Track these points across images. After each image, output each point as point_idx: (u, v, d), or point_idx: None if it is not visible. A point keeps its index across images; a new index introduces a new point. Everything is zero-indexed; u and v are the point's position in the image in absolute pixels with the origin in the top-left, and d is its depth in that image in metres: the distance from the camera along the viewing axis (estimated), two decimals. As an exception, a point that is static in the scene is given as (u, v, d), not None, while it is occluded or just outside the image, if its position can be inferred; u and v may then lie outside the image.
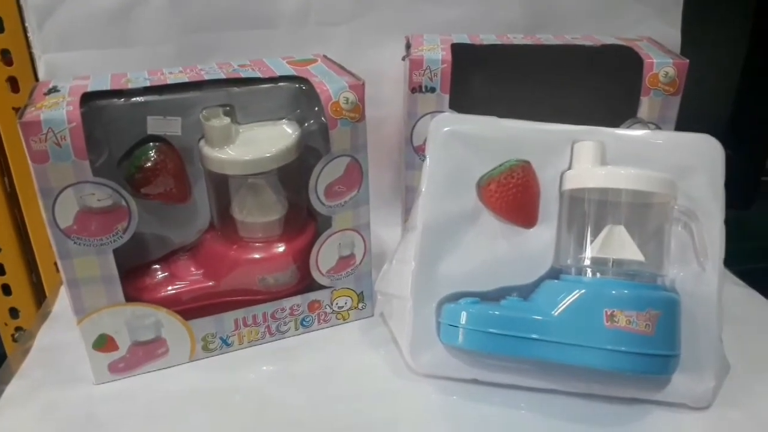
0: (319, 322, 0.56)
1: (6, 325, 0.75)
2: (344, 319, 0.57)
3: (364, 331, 0.57)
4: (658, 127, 0.58)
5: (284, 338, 0.56)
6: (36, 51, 0.62)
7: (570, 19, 0.71)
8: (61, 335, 0.56)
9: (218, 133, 0.49)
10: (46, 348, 0.55)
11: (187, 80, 0.49)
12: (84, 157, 0.43)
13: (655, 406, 0.48)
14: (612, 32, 0.64)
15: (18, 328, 0.76)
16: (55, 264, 0.73)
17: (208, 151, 0.50)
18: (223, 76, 0.50)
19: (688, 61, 0.56)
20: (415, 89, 0.57)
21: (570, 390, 0.49)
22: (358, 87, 0.49)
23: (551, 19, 0.71)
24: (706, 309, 0.48)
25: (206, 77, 0.50)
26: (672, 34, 0.72)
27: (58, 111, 0.42)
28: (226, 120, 0.49)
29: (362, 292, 0.57)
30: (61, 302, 0.62)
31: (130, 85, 0.48)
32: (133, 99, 0.48)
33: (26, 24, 0.62)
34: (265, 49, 0.65)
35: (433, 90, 0.57)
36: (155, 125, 0.48)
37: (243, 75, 0.50)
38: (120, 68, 0.52)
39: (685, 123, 0.58)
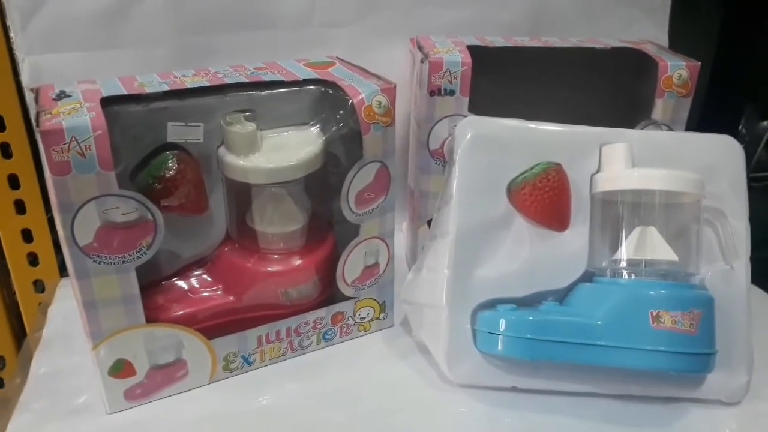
0: (341, 334, 0.54)
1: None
2: (365, 331, 0.55)
3: (388, 342, 0.55)
4: (670, 128, 0.58)
5: (306, 353, 0.53)
6: (19, 53, 0.57)
7: (565, 21, 0.72)
8: (59, 361, 0.52)
9: (242, 140, 0.46)
10: (45, 377, 0.51)
11: (207, 84, 0.46)
12: (110, 168, 0.39)
13: (691, 403, 0.49)
14: (603, 34, 0.65)
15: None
16: (34, 283, 0.69)
17: (230, 158, 0.47)
18: (245, 80, 0.47)
19: (699, 63, 0.57)
20: (434, 92, 0.56)
21: (608, 392, 0.49)
22: (390, 90, 0.48)
23: (546, 20, 0.71)
24: (737, 306, 0.49)
25: (226, 81, 0.47)
26: (660, 36, 0.73)
27: (80, 118, 0.39)
28: (251, 126, 0.47)
29: (384, 301, 0.55)
30: (52, 326, 0.57)
31: (146, 90, 0.44)
32: (152, 104, 0.44)
33: (8, 23, 0.57)
34: (266, 50, 0.62)
35: (452, 93, 0.56)
36: (176, 132, 0.45)
37: (265, 78, 0.48)
38: (112, 71, 0.49)
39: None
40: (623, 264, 0.47)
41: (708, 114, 0.79)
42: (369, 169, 0.48)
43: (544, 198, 0.49)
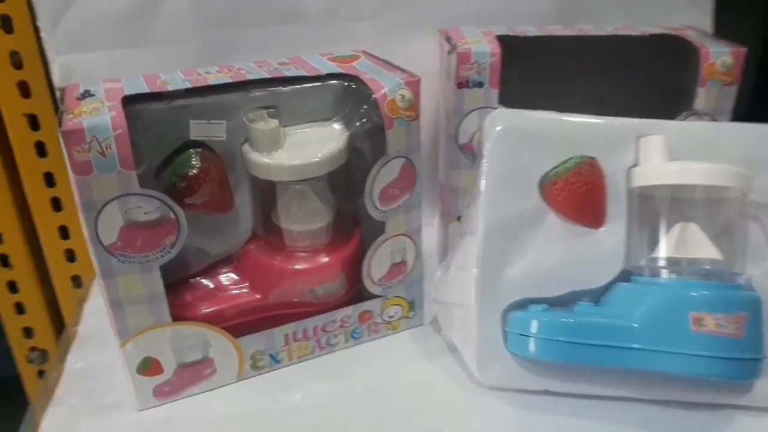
0: (369, 333, 0.53)
1: (20, 345, 0.71)
2: (394, 329, 0.54)
3: (418, 341, 0.54)
4: (714, 119, 0.55)
5: (334, 352, 0.52)
6: (49, 53, 0.58)
7: (598, 10, 0.69)
8: (94, 358, 0.53)
9: (265, 137, 0.46)
10: (80, 373, 0.51)
11: (229, 80, 0.45)
12: (131, 167, 0.39)
13: (737, 411, 0.46)
14: (641, 22, 0.61)
15: (33, 348, 0.71)
16: (72, 279, 0.70)
17: (253, 156, 0.46)
18: (267, 76, 0.46)
19: (746, 49, 0.54)
20: (462, 84, 0.54)
21: (647, 397, 0.47)
22: (414, 83, 0.46)
23: (579, 9, 0.69)
24: (787, 307, 0.46)
25: (249, 77, 0.46)
26: (703, 21, 0.70)
27: (101, 117, 0.39)
28: (274, 123, 0.46)
29: (413, 299, 0.54)
30: (87, 322, 0.58)
31: (168, 87, 0.44)
32: (174, 102, 0.44)
33: (38, 24, 0.58)
34: (293, 45, 0.61)
35: (481, 85, 0.54)
36: (199, 130, 0.45)
37: (288, 74, 0.47)
38: (140, 69, 0.48)
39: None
40: (662, 263, 0.45)
41: (758, 104, 0.74)
42: (393, 164, 0.47)
43: (577, 193, 0.47)
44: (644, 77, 0.57)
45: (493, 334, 0.47)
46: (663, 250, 0.45)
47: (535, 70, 0.57)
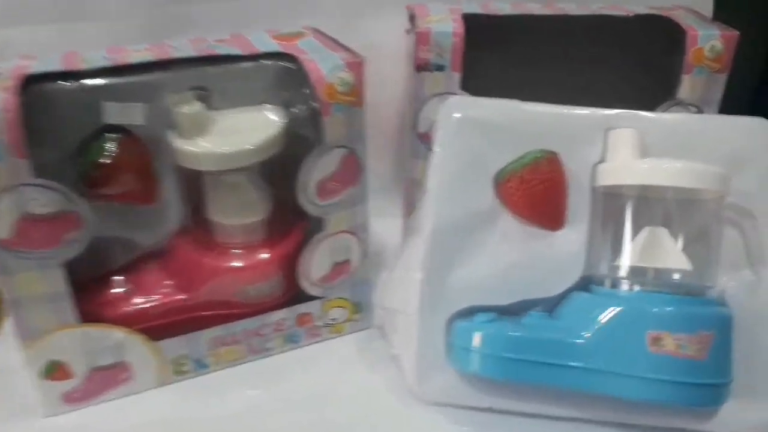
0: (309, 337, 0.49)
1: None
2: (338, 333, 0.50)
3: (362, 347, 0.50)
4: (700, 110, 0.50)
5: (270, 356, 0.48)
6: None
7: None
8: (15, 356, 0.49)
9: (189, 122, 0.41)
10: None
11: (152, 59, 0.41)
12: (22, 155, 0.35)
13: (701, 437, 0.42)
14: (633, 1, 0.56)
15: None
16: None
17: (178, 142, 0.42)
18: (195, 54, 0.42)
19: (737, 33, 0.48)
20: (420, 67, 0.49)
21: (602, 419, 0.42)
22: (357, 65, 0.42)
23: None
24: (762, 325, 0.41)
25: (175, 55, 0.42)
26: (704, 2, 0.64)
27: (-9, 98, 0.35)
28: (199, 106, 0.42)
29: (359, 301, 0.50)
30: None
31: (84, 66, 0.40)
32: (88, 82, 0.40)
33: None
34: (247, 21, 0.57)
35: (441, 68, 0.49)
36: (113, 113, 0.40)
37: (219, 52, 0.42)
38: (75, 46, 0.44)
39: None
40: (625, 272, 0.40)
41: (756, 95, 0.69)
42: (332, 155, 0.43)
43: (534, 192, 0.42)
44: (625, 62, 0.52)
45: (436, 345, 0.43)
46: (626, 258, 0.40)
47: (503, 53, 0.52)
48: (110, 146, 0.41)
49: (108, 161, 0.41)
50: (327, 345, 0.50)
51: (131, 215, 0.45)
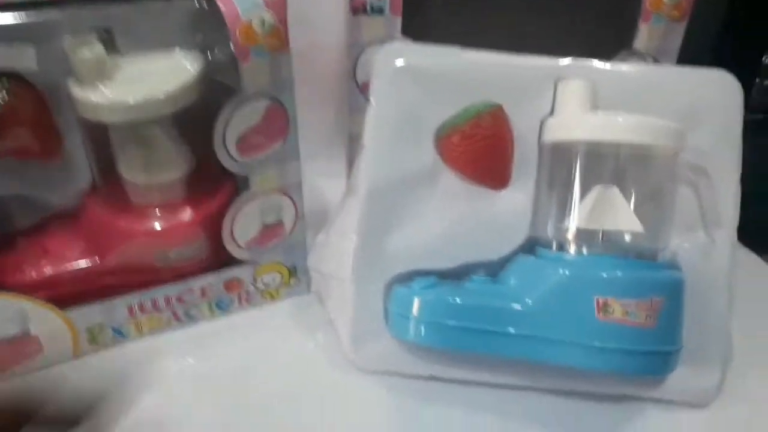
0: (240, 302, 0.46)
1: None
2: (272, 298, 0.47)
3: (298, 313, 0.47)
4: (657, 61, 0.47)
5: (197, 324, 0.45)
6: None
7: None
8: None
9: (89, 68, 0.37)
10: None
11: (42, -6, 0.36)
12: None
13: (650, 404, 0.40)
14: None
15: None
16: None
17: (77, 91, 0.37)
18: (95, -12, 0.37)
19: (698, -24, 0.45)
20: (357, 10, 0.45)
21: (548, 387, 0.40)
22: (278, 4, 0.37)
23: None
24: (715, 289, 0.39)
25: (71, -10, 0.37)
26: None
27: None
28: (99, 49, 0.37)
29: (294, 265, 0.46)
30: None
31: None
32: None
33: None
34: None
35: (381, 11, 0.45)
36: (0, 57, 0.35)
37: (123, -14, 0.37)
38: None
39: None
40: (572, 234, 0.38)
41: (722, 44, 0.65)
42: (254, 106, 0.38)
43: (477, 148, 0.39)
44: (578, 8, 0.48)
45: (372, 312, 0.40)
46: (574, 220, 0.38)
47: (449, -4, 0.48)
48: (-3, 94, 0.36)
49: (-3, 111, 0.36)
50: (260, 312, 0.46)
51: (33, 172, 0.40)
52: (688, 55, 0.47)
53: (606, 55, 0.46)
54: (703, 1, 0.46)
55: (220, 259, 0.44)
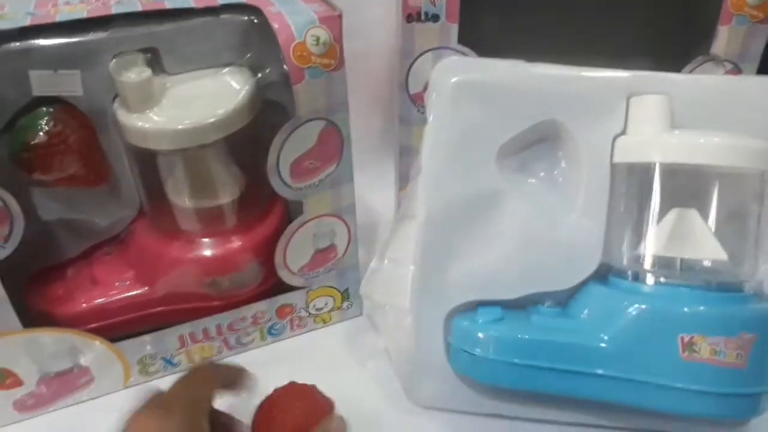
0: (292, 328, 0.44)
1: None
2: (325, 323, 0.45)
3: (350, 338, 0.45)
4: (737, 67, 0.43)
5: (248, 351, 0.43)
6: None
7: None
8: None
9: (135, 91, 0.35)
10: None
11: (86, 15, 0.34)
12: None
13: (731, 445, 0.37)
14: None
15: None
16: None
17: (124, 116, 0.36)
18: (140, 8, 0.35)
19: (784, -26, 0.41)
20: (411, 17, 0.42)
21: (623, 426, 0.38)
22: (333, 20, 0.35)
23: None
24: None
25: (115, 11, 0.35)
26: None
27: None
28: (146, 72, 0.35)
29: (347, 288, 0.44)
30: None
31: (5, 24, 0.33)
32: (8, 45, 0.33)
33: None
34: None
35: (436, 18, 0.42)
36: (43, 83, 0.34)
37: (169, 5, 0.35)
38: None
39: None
40: (649, 263, 0.35)
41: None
42: (307, 129, 0.36)
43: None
44: (648, 10, 0.45)
45: (432, 345, 0.38)
46: (651, 246, 0.35)
47: (506, 1, 0.45)
48: (44, 122, 0.35)
49: (41, 141, 0.35)
50: (312, 337, 0.45)
51: (79, 199, 0.39)
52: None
53: (679, 61, 0.43)
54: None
55: (271, 285, 0.42)
